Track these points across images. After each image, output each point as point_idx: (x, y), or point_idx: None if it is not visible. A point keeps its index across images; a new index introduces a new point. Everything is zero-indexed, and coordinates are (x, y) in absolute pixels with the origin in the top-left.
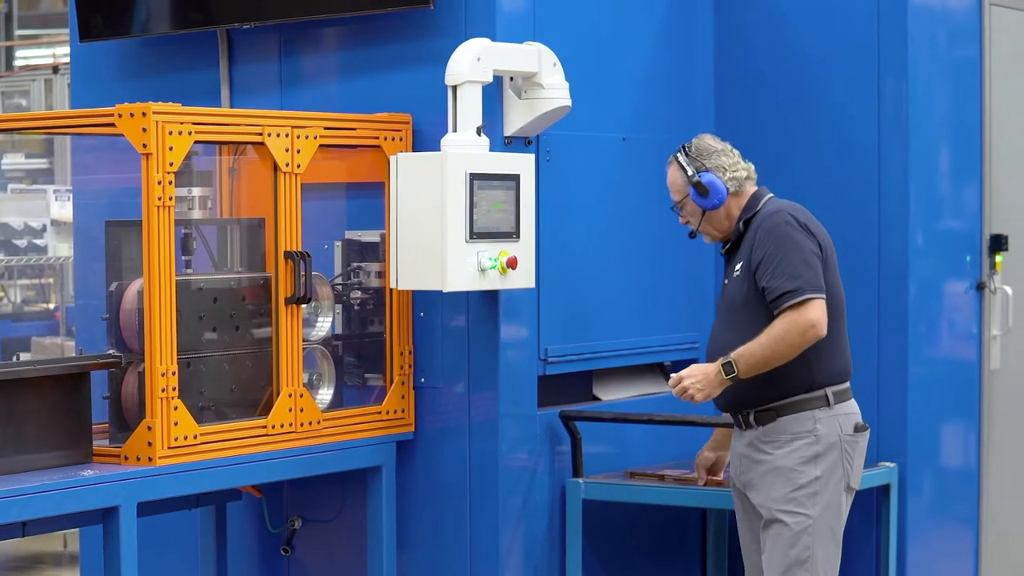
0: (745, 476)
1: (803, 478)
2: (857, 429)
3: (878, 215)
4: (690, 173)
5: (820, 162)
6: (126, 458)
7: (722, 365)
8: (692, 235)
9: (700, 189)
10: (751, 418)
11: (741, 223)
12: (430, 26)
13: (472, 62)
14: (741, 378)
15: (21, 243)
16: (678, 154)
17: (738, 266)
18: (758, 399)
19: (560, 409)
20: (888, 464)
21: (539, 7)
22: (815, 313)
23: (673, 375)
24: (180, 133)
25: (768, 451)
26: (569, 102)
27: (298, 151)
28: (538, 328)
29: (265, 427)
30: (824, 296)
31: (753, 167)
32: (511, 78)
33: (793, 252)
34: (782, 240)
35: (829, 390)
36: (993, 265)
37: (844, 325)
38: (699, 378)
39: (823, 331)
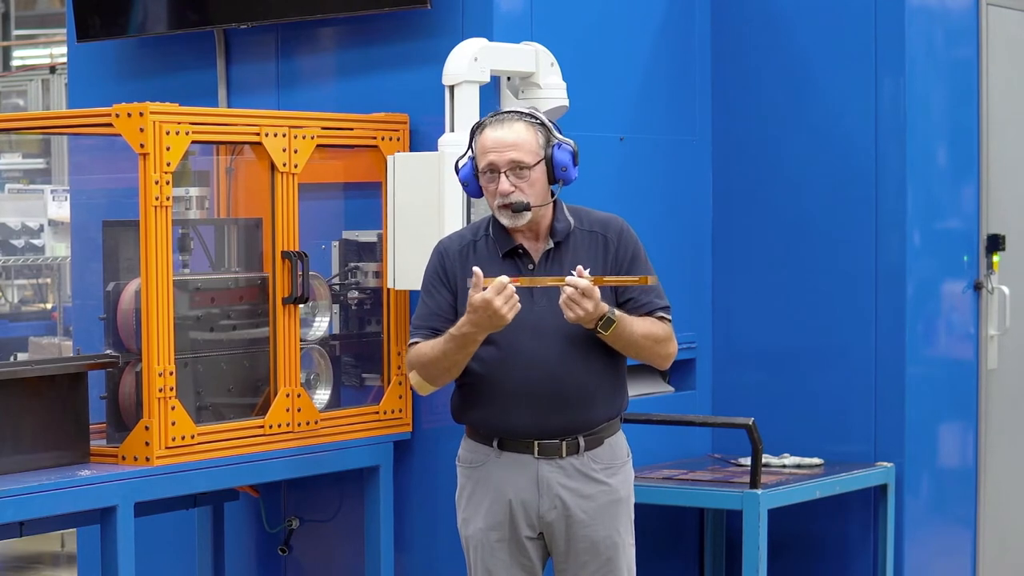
0: (569, 512)
1: (632, 506)
2: None
3: (875, 215)
4: (550, 141)
5: (817, 162)
6: (123, 458)
7: (607, 317)
8: (513, 207)
9: (567, 158)
10: (580, 442)
11: (571, 219)
12: (427, 26)
13: (469, 62)
14: (600, 338)
15: (18, 243)
16: (524, 114)
17: (585, 273)
18: (593, 420)
19: None
20: (885, 464)
21: (536, 7)
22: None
23: (583, 283)
24: (177, 133)
25: (604, 480)
26: (567, 102)
27: (295, 151)
28: None
29: (263, 427)
30: None
31: None
32: (508, 78)
33: (653, 273)
34: (645, 254)
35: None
36: (990, 265)
37: None
38: (591, 311)
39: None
